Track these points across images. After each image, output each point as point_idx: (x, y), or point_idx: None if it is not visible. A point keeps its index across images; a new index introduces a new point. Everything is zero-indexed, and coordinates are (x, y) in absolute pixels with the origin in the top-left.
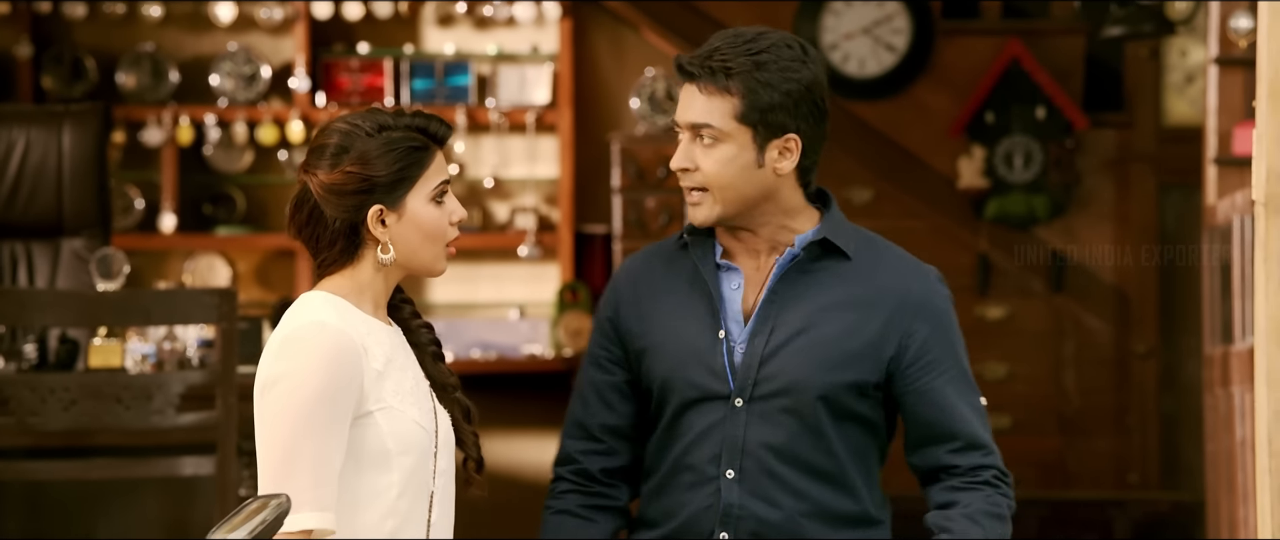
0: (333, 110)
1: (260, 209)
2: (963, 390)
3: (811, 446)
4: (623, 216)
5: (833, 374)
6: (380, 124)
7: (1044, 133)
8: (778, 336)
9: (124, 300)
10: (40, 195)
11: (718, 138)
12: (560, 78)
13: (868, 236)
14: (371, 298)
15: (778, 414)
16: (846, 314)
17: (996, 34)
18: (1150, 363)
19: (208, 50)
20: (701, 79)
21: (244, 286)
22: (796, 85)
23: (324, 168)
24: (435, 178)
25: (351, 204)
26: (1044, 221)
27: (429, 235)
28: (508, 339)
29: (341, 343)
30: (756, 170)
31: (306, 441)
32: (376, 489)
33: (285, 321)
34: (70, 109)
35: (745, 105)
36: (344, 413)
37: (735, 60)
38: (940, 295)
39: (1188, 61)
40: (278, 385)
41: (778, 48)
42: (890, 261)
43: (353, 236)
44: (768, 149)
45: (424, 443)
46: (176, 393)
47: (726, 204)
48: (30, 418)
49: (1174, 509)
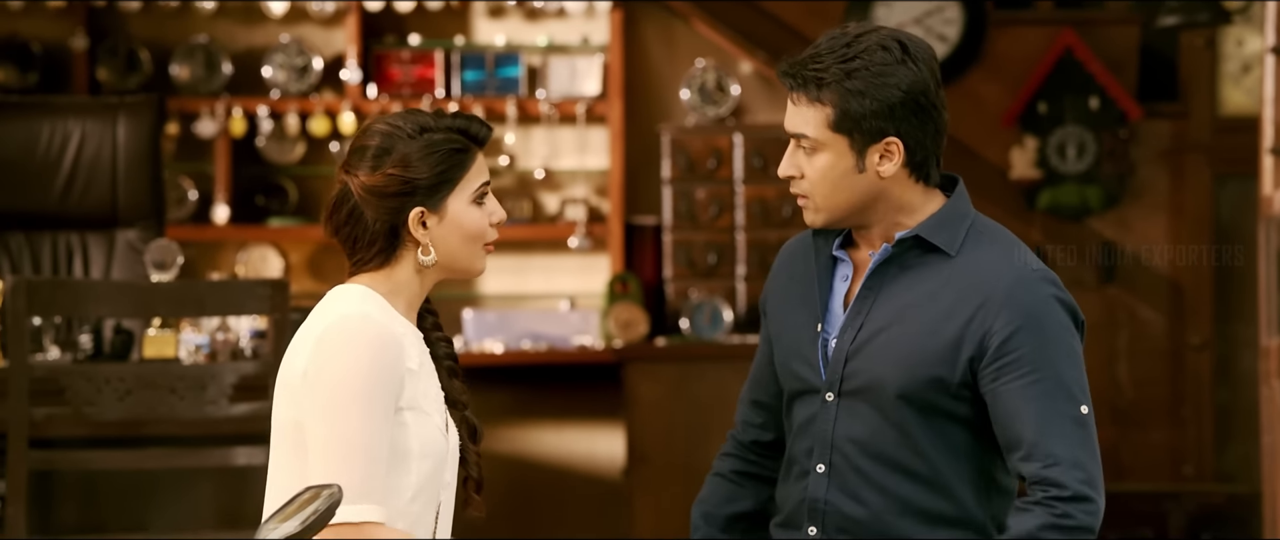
0: (384, 102)
1: (312, 200)
2: (1045, 394)
3: (897, 444)
4: (673, 208)
5: (911, 371)
6: (421, 126)
7: (1097, 123)
8: (865, 332)
9: (178, 291)
10: (95, 187)
11: (815, 147)
12: (610, 69)
13: (985, 231)
14: (406, 299)
15: (864, 410)
16: (932, 311)
17: (1049, 24)
18: (1205, 354)
19: (260, 42)
20: (797, 88)
21: (296, 277)
22: (892, 90)
23: (365, 169)
24: (476, 179)
25: (392, 206)
26: (1097, 212)
27: (469, 236)
28: (558, 330)
29: (386, 336)
30: (858, 176)
31: (361, 432)
32: (396, 488)
33: (322, 313)
34: (125, 101)
35: (838, 114)
36: (390, 405)
37: (827, 69)
38: (1037, 293)
39: (1244, 51)
40: (323, 376)
41: (872, 52)
42: (993, 258)
43: (392, 238)
44: (868, 154)
45: (442, 451)
46: (229, 383)
47: (831, 210)
48: (86, 408)
49: (1229, 502)
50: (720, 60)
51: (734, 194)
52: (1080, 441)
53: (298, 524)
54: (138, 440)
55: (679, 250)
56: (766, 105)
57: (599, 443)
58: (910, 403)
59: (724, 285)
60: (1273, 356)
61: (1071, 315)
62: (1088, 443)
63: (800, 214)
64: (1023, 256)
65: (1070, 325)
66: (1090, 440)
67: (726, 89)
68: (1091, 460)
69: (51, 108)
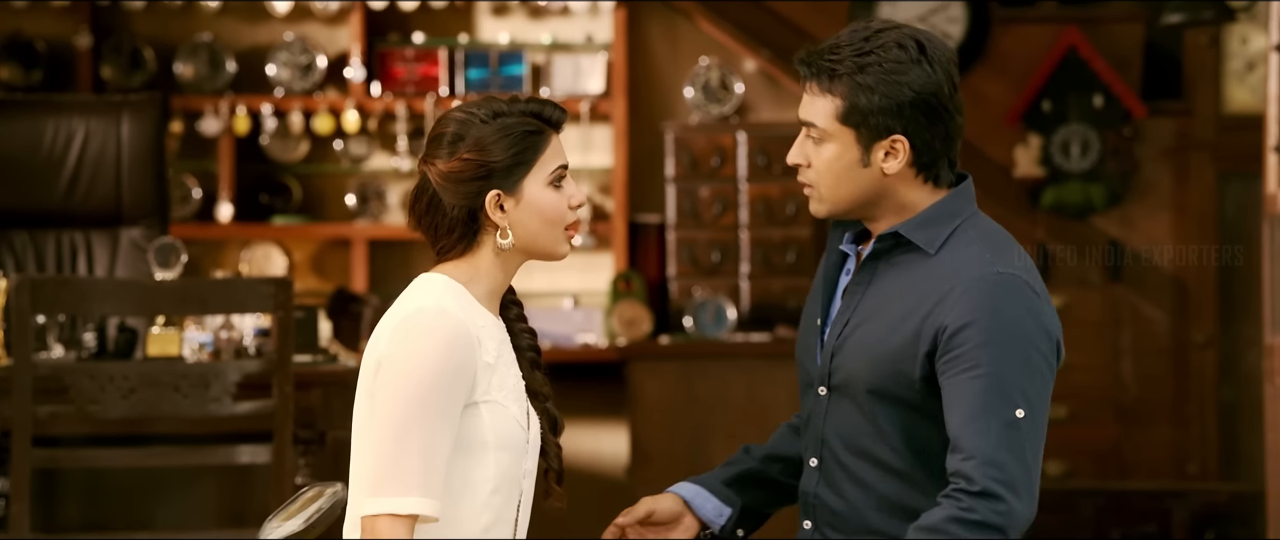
0: (387, 100)
1: (316, 198)
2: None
3: (875, 439)
4: (676, 206)
5: (877, 367)
6: (495, 111)
7: (1102, 121)
8: (849, 327)
9: (182, 289)
10: (99, 185)
11: (822, 137)
12: (614, 67)
13: (974, 231)
14: (488, 286)
15: (847, 405)
16: (900, 307)
17: (1054, 22)
18: (1209, 352)
19: (264, 40)
20: (810, 77)
21: (300, 276)
22: (903, 88)
23: (442, 156)
24: (552, 162)
25: (470, 191)
26: (1101, 210)
27: (548, 219)
28: (562, 328)
29: (459, 331)
30: (862, 170)
31: (419, 426)
32: (473, 481)
33: (404, 302)
34: (129, 99)
35: (846, 107)
36: (457, 401)
37: (842, 61)
38: (999, 293)
39: (1248, 49)
40: (393, 367)
41: (888, 49)
42: (969, 258)
43: (471, 223)
44: (873, 150)
45: (521, 441)
46: (233, 381)
47: (834, 202)
48: (90, 405)
49: (1233, 500)
50: (724, 58)
51: (738, 192)
52: (1006, 442)
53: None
54: (141, 438)
55: (682, 248)
56: (770, 103)
57: (603, 441)
58: (881, 398)
59: (727, 283)
60: (1277, 354)
61: (1038, 324)
62: (1014, 445)
63: (803, 213)
64: (1005, 260)
65: (1032, 333)
66: (1019, 443)
67: (730, 87)
68: (1015, 462)
69: (56, 106)
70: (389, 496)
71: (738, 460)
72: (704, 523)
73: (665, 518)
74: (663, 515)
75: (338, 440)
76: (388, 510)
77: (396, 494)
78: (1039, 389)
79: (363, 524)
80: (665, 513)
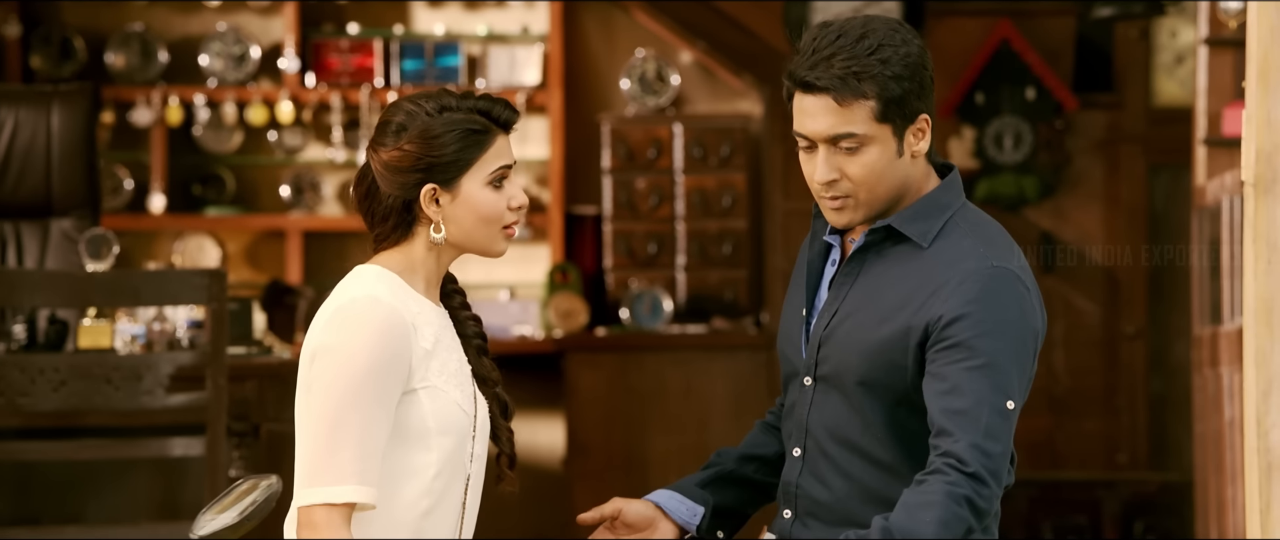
0: (322, 91)
1: (250, 189)
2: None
3: (860, 430)
4: (613, 198)
5: (869, 359)
6: (443, 105)
7: (1034, 113)
8: (837, 318)
9: (113, 281)
10: (29, 175)
11: (861, 143)
12: (550, 59)
13: (965, 223)
14: (424, 276)
15: (834, 396)
16: (892, 299)
17: (986, 15)
18: (1139, 343)
19: (197, 30)
20: (831, 90)
21: (233, 267)
22: (916, 67)
23: (386, 145)
24: (494, 162)
25: (406, 181)
26: (1034, 202)
27: (483, 218)
28: (498, 320)
29: (393, 319)
30: (898, 161)
31: (353, 415)
32: (415, 467)
33: (337, 294)
34: (59, 89)
35: (882, 104)
36: (392, 389)
37: (860, 62)
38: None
39: (1177, 42)
40: (327, 357)
41: (888, 34)
42: (963, 251)
43: (406, 213)
44: (906, 137)
45: (464, 426)
46: (166, 373)
47: (872, 204)
48: (20, 398)
49: (1162, 489)
50: (660, 50)
51: (674, 184)
52: (996, 432)
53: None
54: (73, 431)
55: (619, 240)
56: (706, 95)
57: (539, 432)
58: (870, 390)
59: (664, 275)
60: (1205, 345)
61: (1029, 320)
62: (1002, 436)
63: (739, 205)
64: (999, 253)
65: (1023, 327)
66: (1006, 434)
67: (666, 79)
68: (1001, 453)
69: None
70: (323, 486)
71: (712, 463)
72: (681, 527)
73: (635, 521)
74: (632, 518)
75: (272, 433)
76: (323, 500)
77: (331, 483)
78: (1025, 384)
79: (299, 515)
80: (635, 515)
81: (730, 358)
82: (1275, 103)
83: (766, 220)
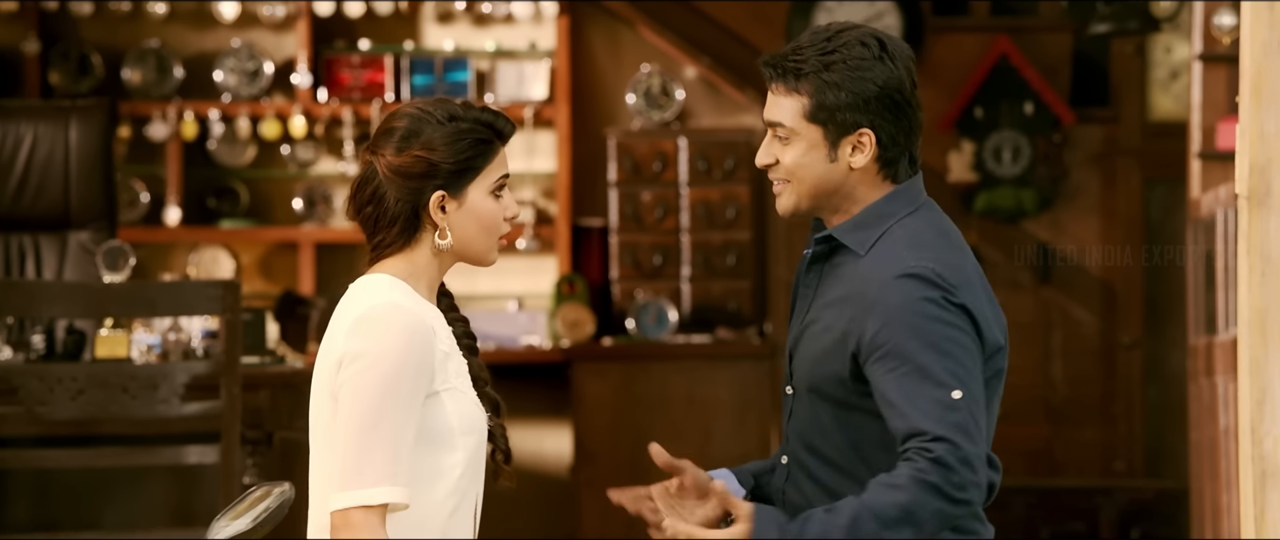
0: (334, 106)
1: (263, 202)
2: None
3: (822, 437)
4: (619, 210)
5: (815, 367)
6: (451, 114)
7: (1032, 128)
8: (800, 328)
9: (130, 292)
10: (48, 189)
11: (789, 136)
12: (558, 74)
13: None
14: (427, 282)
15: (801, 403)
16: (834, 309)
17: (985, 31)
18: (1135, 353)
19: (211, 46)
20: (775, 78)
21: (247, 278)
22: (868, 84)
23: (391, 150)
24: (496, 171)
25: (415, 187)
26: (1032, 215)
27: (485, 227)
28: (506, 330)
29: (417, 323)
30: (830, 165)
31: (385, 418)
32: (442, 468)
33: (354, 302)
34: (77, 104)
35: (814, 104)
36: (419, 391)
37: (806, 61)
38: (902, 290)
39: (1172, 58)
40: (357, 363)
41: (851, 46)
42: (884, 257)
43: (413, 220)
44: (841, 145)
45: (482, 424)
46: (181, 382)
47: (800, 197)
48: (38, 407)
49: (1158, 497)
50: (665, 65)
51: (679, 196)
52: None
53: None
54: (90, 439)
55: (625, 252)
56: (711, 109)
57: (546, 441)
58: (820, 396)
59: (669, 286)
60: (1201, 355)
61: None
62: (959, 424)
63: (743, 217)
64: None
65: (937, 316)
66: (962, 421)
67: (671, 94)
68: (960, 435)
69: (3, 111)
70: (358, 488)
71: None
72: None
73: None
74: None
75: (285, 440)
76: (359, 503)
77: (366, 485)
78: (968, 367)
79: (333, 519)
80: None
81: (734, 367)
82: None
83: (770, 232)
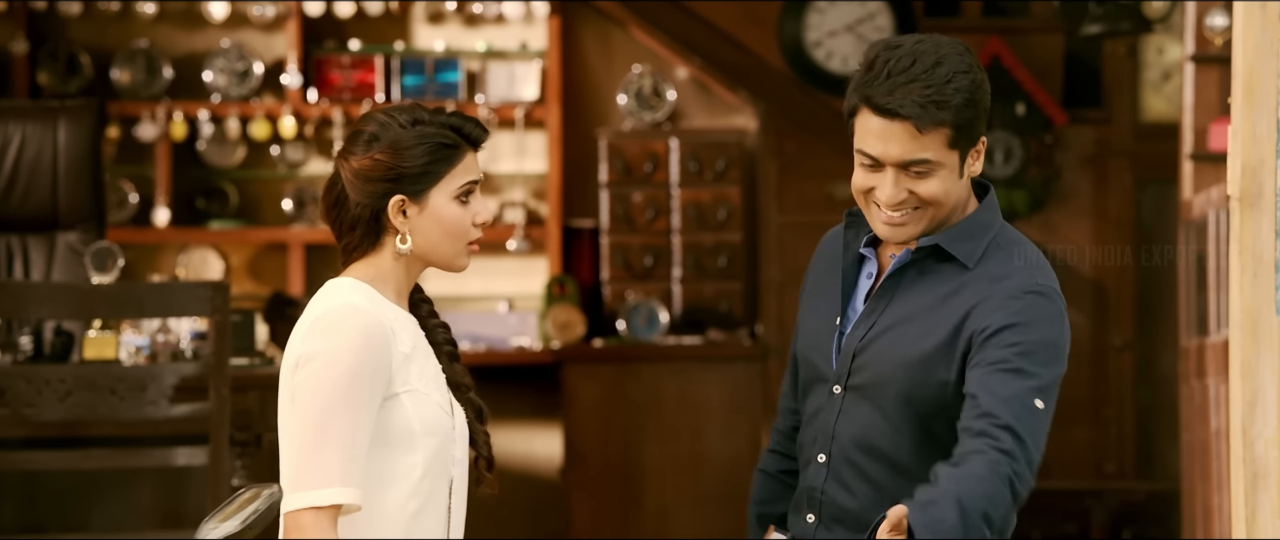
0: (324, 107)
1: (253, 203)
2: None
3: (892, 440)
4: (610, 211)
5: (913, 373)
6: (416, 118)
7: (1024, 128)
8: (876, 330)
9: (118, 293)
10: (36, 190)
11: (932, 169)
12: (548, 74)
13: (1006, 244)
14: (394, 286)
15: (865, 405)
16: (936, 315)
17: (977, 31)
18: (1127, 355)
19: (201, 47)
20: (916, 119)
21: (236, 280)
22: (985, 95)
23: (356, 154)
24: (462, 177)
25: (375, 191)
26: (1024, 216)
27: (449, 232)
28: (496, 331)
29: (372, 325)
30: (958, 182)
31: (337, 419)
32: (401, 469)
33: (314, 305)
34: (65, 105)
35: (955, 132)
36: (374, 392)
37: (939, 91)
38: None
39: (1164, 59)
40: (310, 364)
41: (957, 60)
42: (1004, 269)
43: (374, 223)
44: (968, 159)
45: (447, 426)
46: (170, 384)
47: (933, 221)
48: (26, 409)
49: (1150, 498)
50: (657, 66)
51: (670, 197)
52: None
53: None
54: (78, 441)
55: (616, 253)
56: (702, 110)
57: (536, 442)
58: (908, 402)
59: (660, 287)
60: (1192, 357)
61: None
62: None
63: (734, 218)
64: (1042, 274)
65: (1058, 342)
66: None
67: (663, 94)
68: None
69: None
70: (309, 489)
71: None
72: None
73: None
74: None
75: (274, 442)
76: (309, 504)
77: (317, 487)
78: (1052, 396)
79: (284, 520)
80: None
81: (725, 368)
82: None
83: (761, 233)
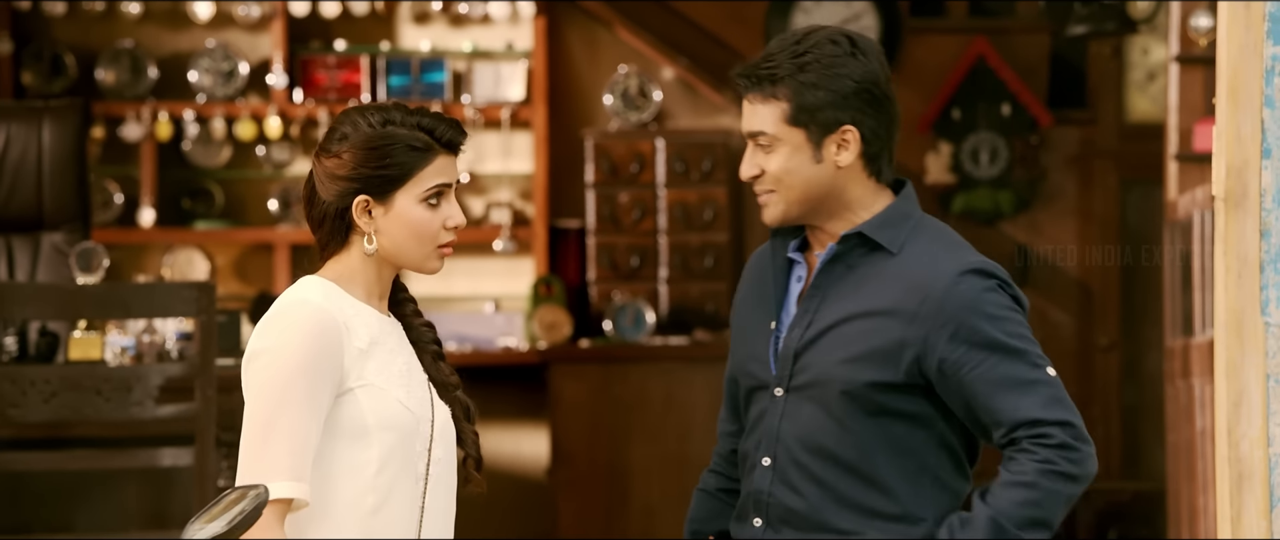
0: (310, 107)
1: (238, 203)
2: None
3: (837, 439)
4: (596, 211)
5: (855, 370)
6: (387, 119)
7: (1009, 129)
8: (812, 330)
9: (104, 293)
10: (20, 190)
11: (772, 143)
12: (535, 74)
13: (927, 228)
14: (362, 285)
15: (808, 406)
16: (877, 310)
17: (963, 32)
18: (1112, 355)
19: (186, 47)
20: (751, 88)
21: (222, 280)
22: (845, 80)
23: (328, 151)
24: (432, 179)
25: (340, 190)
26: (1009, 216)
27: (415, 234)
28: (483, 332)
29: (322, 319)
30: (816, 167)
31: (284, 413)
32: (354, 464)
33: (275, 303)
34: (50, 105)
35: (794, 108)
36: (323, 387)
37: (780, 66)
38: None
39: (1149, 59)
40: (258, 359)
41: (821, 46)
42: (932, 255)
43: (340, 222)
44: (824, 145)
45: (408, 423)
46: (155, 385)
47: (790, 203)
48: (11, 409)
49: (1135, 498)
50: (643, 66)
51: (656, 198)
52: (1052, 399)
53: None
54: (63, 442)
55: (602, 253)
56: (688, 111)
57: (523, 442)
58: (854, 400)
59: (647, 287)
60: (1177, 357)
61: (1011, 298)
62: (1061, 400)
63: (721, 218)
64: (961, 253)
65: (1010, 306)
66: (1062, 397)
67: (649, 95)
68: (1070, 413)
69: None
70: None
71: None
72: None
73: None
74: None
75: None
76: None
77: (264, 481)
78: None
79: None
80: None
81: (711, 369)
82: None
83: (747, 234)
